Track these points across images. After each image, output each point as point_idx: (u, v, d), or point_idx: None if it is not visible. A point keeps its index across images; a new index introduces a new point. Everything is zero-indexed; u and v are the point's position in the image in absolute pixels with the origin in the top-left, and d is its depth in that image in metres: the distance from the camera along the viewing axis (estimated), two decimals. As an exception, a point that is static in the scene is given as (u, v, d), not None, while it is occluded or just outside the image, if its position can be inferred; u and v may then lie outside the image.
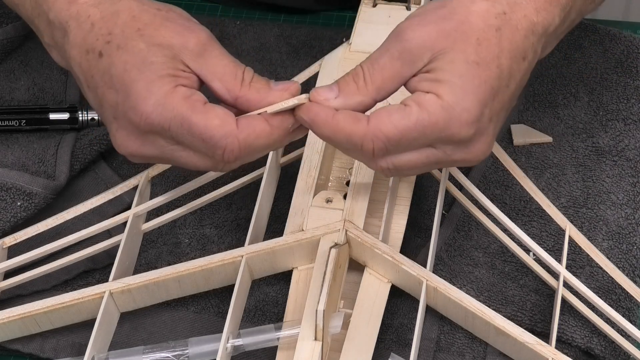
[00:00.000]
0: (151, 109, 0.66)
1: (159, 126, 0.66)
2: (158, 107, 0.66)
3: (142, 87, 0.66)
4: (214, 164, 0.68)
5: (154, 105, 0.66)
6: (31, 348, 0.76)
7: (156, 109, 0.66)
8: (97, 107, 0.70)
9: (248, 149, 0.67)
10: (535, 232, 0.81)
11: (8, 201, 0.82)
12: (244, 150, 0.67)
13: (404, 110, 0.66)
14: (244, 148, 0.67)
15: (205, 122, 0.66)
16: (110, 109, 0.68)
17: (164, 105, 0.66)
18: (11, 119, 0.88)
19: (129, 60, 0.67)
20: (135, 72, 0.66)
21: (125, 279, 0.75)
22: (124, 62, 0.67)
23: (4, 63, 0.94)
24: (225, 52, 0.69)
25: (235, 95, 0.68)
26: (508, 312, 0.76)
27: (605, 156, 0.85)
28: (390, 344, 0.75)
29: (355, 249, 0.74)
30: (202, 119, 0.66)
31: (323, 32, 0.97)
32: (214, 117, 0.66)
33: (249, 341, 0.71)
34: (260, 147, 0.68)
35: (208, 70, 0.68)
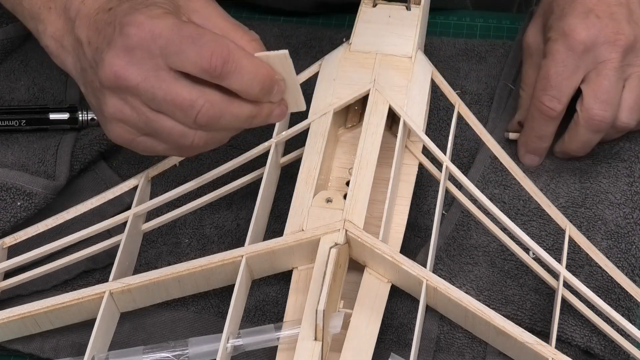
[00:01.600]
0: (144, 18, 0.67)
1: (150, 33, 0.67)
2: (153, 18, 0.67)
3: (142, 8, 0.68)
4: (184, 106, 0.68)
5: (150, 16, 0.67)
6: (31, 348, 0.76)
7: (151, 19, 0.67)
8: (91, 56, 0.70)
9: (237, 62, 0.67)
10: (535, 231, 0.81)
11: (8, 201, 0.82)
12: (231, 63, 0.67)
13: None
14: (233, 57, 0.67)
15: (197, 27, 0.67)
16: (105, 40, 0.69)
17: (158, 17, 0.67)
18: (11, 119, 0.88)
19: (134, 5, 0.69)
20: (139, 5, 0.69)
21: (125, 279, 0.75)
22: (131, 3, 0.69)
23: (4, 63, 0.94)
24: (229, 15, 0.71)
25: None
26: (508, 311, 0.76)
27: (600, 160, 0.85)
28: (390, 344, 0.75)
29: (355, 249, 0.74)
30: (194, 26, 0.67)
31: (323, 32, 0.97)
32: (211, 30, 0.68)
33: (249, 341, 0.71)
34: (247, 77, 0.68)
35: (210, 20, 0.69)
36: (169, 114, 0.69)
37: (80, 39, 0.71)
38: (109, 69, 0.68)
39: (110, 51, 0.68)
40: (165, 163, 0.82)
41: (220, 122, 0.69)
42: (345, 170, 0.80)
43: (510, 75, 0.93)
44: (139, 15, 0.67)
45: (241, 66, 0.68)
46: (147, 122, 0.69)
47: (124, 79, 0.68)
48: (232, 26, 0.70)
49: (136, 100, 0.69)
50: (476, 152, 0.87)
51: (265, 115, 0.71)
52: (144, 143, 0.71)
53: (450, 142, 0.81)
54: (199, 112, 0.68)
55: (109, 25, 0.69)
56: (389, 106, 0.80)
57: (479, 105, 0.91)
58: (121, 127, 0.70)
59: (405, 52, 0.83)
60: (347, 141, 0.82)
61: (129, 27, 0.67)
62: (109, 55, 0.68)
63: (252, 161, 0.80)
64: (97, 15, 0.71)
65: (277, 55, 0.69)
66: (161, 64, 0.67)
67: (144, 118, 0.69)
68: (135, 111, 0.69)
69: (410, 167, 0.81)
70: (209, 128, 0.70)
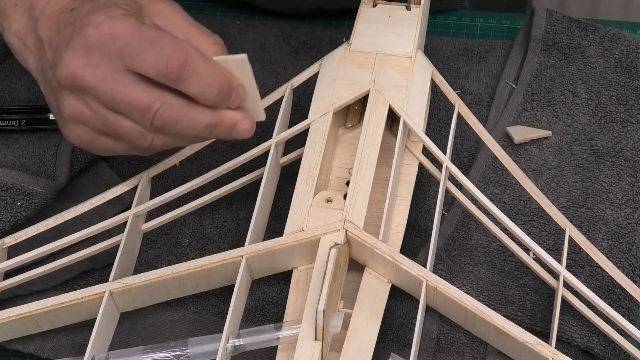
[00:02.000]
0: (103, 19, 0.67)
1: (108, 35, 0.66)
2: (112, 19, 0.67)
3: (102, 9, 0.68)
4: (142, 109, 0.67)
5: (109, 17, 0.67)
6: (31, 348, 0.76)
7: (110, 20, 0.67)
8: (50, 56, 0.70)
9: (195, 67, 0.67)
10: (535, 231, 0.81)
11: (8, 201, 0.82)
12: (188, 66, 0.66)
13: None
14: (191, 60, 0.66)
15: (156, 29, 0.67)
16: (64, 40, 0.69)
17: (117, 18, 0.67)
18: (11, 119, 0.88)
19: (98, 2, 0.69)
20: (99, 6, 0.69)
21: (125, 279, 0.75)
22: (93, 4, 0.69)
23: (4, 63, 0.94)
24: (192, 19, 0.71)
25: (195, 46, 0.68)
26: (508, 311, 0.76)
27: (603, 157, 0.85)
28: (390, 344, 0.75)
29: (355, 249, 0.74)
30: (153, 29, 0.67)
31: (323, 32, 0.97)
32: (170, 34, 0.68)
33: (249, 341, 0.71)
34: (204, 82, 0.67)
35: (173, 23, 0.70)
36: (127, 115, 0.69)
37: (42, 39, 0.71)
38: (66, 69, 0.68)
39: (68, 51, 0.68)
40: (165, 163, 0.82)
41: (177, 126, 0.69)
42: (345, 170, 0.80)
43: (511, 75, 0.93)
44: (98, 15, 0.67)
45: (198, 70, 0.67)
46: (106, 123, 0.69)
47: (82, 79, 0.68)
48: (195, 29, 0.70)
49: (94, 101, 0.69)
50: (476, 152, 0.87)
51: (227, 126, 0.70)
52: (103, 144, 0.72)
53: (450, 142, 0.81)
54: (155, 114, 0.68)
55: (69, 25, 0.69)
56: (389, 106, 0.80)
57: (479, 105, 0.91)
58: (80, 127, 0.70)
59: (405, 52, 0.83)
60: (347, 141, 0.82)
61: (88, 27, 0.67)
62: (67, 55, 0.68)
63: (252, 161, 0.80)
64: (60, 15, 0.70)
65: (235, 60, 0.69)
66: (119, 66, 0.67)
67: (102, 119, 0.69)
68: (94, 112, 0.69)
69: (410, 167, 0.81)
70: (166, 131, 0.70)
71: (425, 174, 0.82)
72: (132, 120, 0.69)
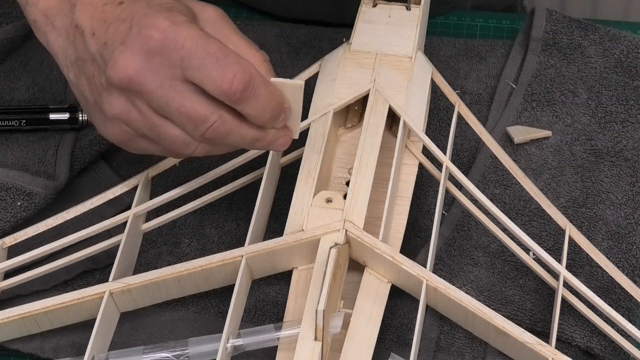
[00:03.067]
0: (168, 25, 0.65)
1: (174, 42, 0.65)
2: (176, 25, 0.65)
3: (162, 13, 0.66)
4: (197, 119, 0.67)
5: (173, 22, 0.65)
6: (31, 348, 0.76)
7: (174, 26, 0.65)
8: (96, 49, 0.68)
9: (256, 89, 0.66)
10: (535, 231, 0.81)
11: (8, 201, 0.82)
12: (250, 87, 0.66)
13: None
14: (254, 82, 0.66)
15: (222, 44, 0.66)
16: (118, 38, 0.67)
17: (181, 24, 0.66)
18: (11, 119, 0.88)
19: (151, 2, 0.67)
20: (155, 7, 0.67)
21: (125, 279, 0.75)
22: (146, 2, 0.67)
23: (4, 63, 0.94)
24: (240, 31, 0.70)
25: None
26: (508, 311, 0.76)
27: (604, 157, 0.85)
28: (390, 344, 0.75)
29: (355, 249, 0.74)
30: (219, 42, 0.66)
31: (323, 32, 0.97)
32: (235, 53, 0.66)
33: (249, 341, 0.71)
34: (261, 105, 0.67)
35: (224, 34, 0.68)
36: (177, 123, 0.68)
37: (82, 27, 0.69)
38: (123, 71, 0.66)
39: (127, 51, 0.66)
40: (165, 163, 0.82)
41: (226, 139, 0.69)
42: (345, 170, 0.80)
43: (511, 75, 0.93)
44: (162, 19, 0.66)
45: (258, 93, 0.67)
46: (153, 128, 0.68)
47: (139, 84, 0.66)
48: (245, 43, 0.69)
49: (145, 104, 0.68)
50: (476, 152, 0.87)
51: (269, 141, 0.71)
52: (140, 144, 0.71)
53: (450, 142, 0.81)
54: (210, 127, 0.67)
55: (123, 22, 0.67)
56: (389, 106, 0.80)
57: (479, 105, 0.91)
58: (122, 127, 0.69)
59: (405, 52, 0.83)
60: (347, 141, 0.82)
61: (151, 30, 0.65)
62: (125, 55, 0.66)
63: (252, 161, 0.80)
64: (105, 7, 0.68)
65: (292, 85, 0.69)
66: (178, 74, 0.66)
67: (149, 123, 0.68)
68: (142, 115, 0.68)
69: (410, 167, 0.81)
70: (213, 143, 0.69)
71: (425, 174, 0.82)
72: (180, 128, 0.68)
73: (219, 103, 0.67)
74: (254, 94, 0.67)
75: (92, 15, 0.68)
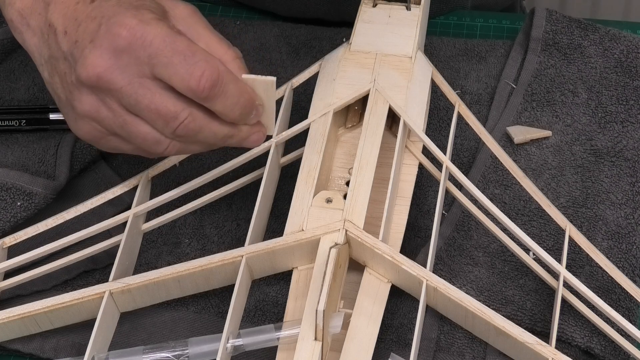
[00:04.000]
0: (136, 23, 0.66)
1: (141, 40, 0.66)
2: (143, 23, 0.66)
3: (130, 10, 0.67)
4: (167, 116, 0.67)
5: (140, 21, 0.66)
6: (31, 348, 0.76)
7: (141, 24, 0.66)
8: (67, 47, 0.69)
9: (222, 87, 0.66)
10: (535, 231, 0.81)
11: (8, 201, 0.82)
12: (219, 85, 0.66)
13: None
14: (222, 80, 0.66)
15: (190, 42, 0.66)
16: (87, 37, 0.67)
17: (148, 23, 0.66)
18: (11, 119, 0.88)
19: (122, 4, 0.68)
20: (126, 4, 0.67)
21: (125, 279, 0.75)
22: (117, 3, 0.68)
23: (4, 63, 0.94)
24: (212, 28, 0.70)
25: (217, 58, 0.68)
26: (508, 311, 0.76)
27: (604, 157, 0.85)
28: (390, 344, 0.75)
29: (355, 249, 0.74)
30: (188, 40, 0.66)
31: (323, 32, 0.97)
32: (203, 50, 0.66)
33: (249, 341, 0.71)
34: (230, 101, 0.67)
35: (196, 31, 0.69)
36: (148, 120, 0.68)
37: (54, 25, 0.69)
38: (91, 69, 0.67)
39: (95, 50, 0.67)
40: (165, 163, 0.82)
41: (197, 136, 0.69)
42: (345, 170, 0.80)
43: (511, 75, 0.93)
44: (130, 17, 0.66)
45: (227, 90, 0.67)
46: (123, 125, 0.69)
47: (107, 81, 0.67)
48: (216, 39, 0.70)
49: (115, 102, 0.68)
50: (476, 152, 0.87)
51: (242, 137, 0.71)
52: (112, 142, 0.71)
53: (450, 142, 0.81)
54: (180, 124, 0.68)
55: (93, 21, 0.67)
56: (389, 106, 0.80)
57: (479, 105, 0.91)
58: (92, 125, 0.70)
59: (405, 52, 0.83)
60: (347, 141, 0.82)
61: (119, 28, 0.66)
62: (94, 54, 0.67)
63: (252, 161, 0.80)
64: (77, 5, 0.69)
65: (263, 81, 0.69)
66: (146, 72, 0.67)
67: (120, 120, 0.69)
68: (112, 112, 0.68)
69: (410, 167, 0.81)
70: (184, 140, 0.70)
71: (425, 174, 0.82)
72: (151, 126, 0.68)
73: (189, 100, 0.68)
74: (222, 91, 0.67)
75: (65, 14, 0.69)
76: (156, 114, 0.67)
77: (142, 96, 0.67)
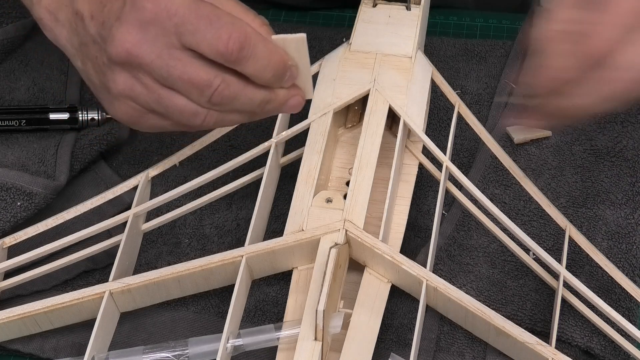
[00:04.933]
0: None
1: (165, 10, 0.65)
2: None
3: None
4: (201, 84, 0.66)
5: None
6: (31, 348, 0.76)
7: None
8: (95, 30, 0.68)
9: (253, 48, 0.66)
10: (535, 231, 0.81)
11: (8, 201, 0.82)
12: (247, 47, 0.66)
13: None
14: (250, 41, 0.65)
15: (214, 7, 0.66)
16: (113, 16, 0.67)
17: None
18: (11, 119, 0.88)
19: None
20: None
21: (125, 279, 0.75)
22: None
23: (4, 63, 0.94)
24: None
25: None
26: (508, 311, 0.76)
27: (604, 157, 0.85)
28: (390, 344, 0.75)
29: (355, 249, 0.74)
30: (211, 5, 0.66)
31: (323, 32, 0.97)
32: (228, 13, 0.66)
33: (249, 341, 0.71)
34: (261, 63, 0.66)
35: (220, 2, 0.68)
36: (182, 92, 0.68)
37: (81, 12, 0.69)
38: (120, 45, 0.66)
39: (122, 26, 0.66)
40: (165, 163, 0.82)
41: (234, 103, 0.68)
42: (345, 170, 0.80)
43: (511, 75, 0.93)
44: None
45: (256, 52, 0.66)
46: (159, 100, 0.68)
47: (137, 56, 0.66)
48: (242, 9, 0.69)
49: (148, 77, 0.67)
50: (476, 152, 0.87)
51: (280, 102, 0.70)
52: (151, 120, 0.70)
53: (450, 142, 0.81)
54: (215, 91, 0.67)
55: (116, 1, 0.67)
56: (389, 106, 0.80)
57: (479, 105, 0.91)
58: (129, 104, 0.69)
59: (405, 52, 0.83)
60: (347, 141, 0.82)
61: (143, 1, 0.65)
62: (121, 30, 0.66)
63: (252, 161, 0.80)
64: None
65: (294, 39, 0.68)
66: (175, 42, 0.66)
67: (155, 95, 0.68)
68: (147, 88, 0.68)
69: (410, 167, 0.81)
70: (222, 108, 0.69)
71: (425, 174, 0.82)
72: (186, 97, 0.68)
73: (220, 67, 0.67)
74: (252, 52, 0.66)
75: (90, 0, 0.69)
76: (189, 83, 0.67)
77: (173, 67, 0.66)
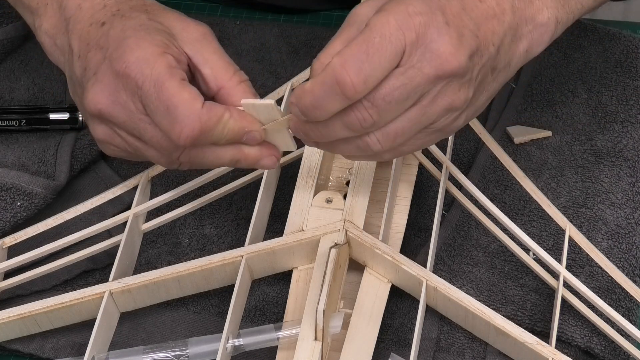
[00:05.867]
0: (134, 60, 0.67)
1: (134, 80, 0.67)
2: (141, 61, 0.67)
3: (133, 42, 0.68)
4: (168, 148, 0.68)
5: (138, 58, 0.67)
6: (31, 348, 0.76)
7: (138, 62, 0.67)
8: (79, 73, 0.70)
9: (206, 134, 0.67)
10: (535, 231, 0.81)
11: (8, 201, 0.82)
12: (201, 135, 0.67)
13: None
14: (204, 131, 0.67)
15: (175, 91, 0.67)
16: (93, 67, 0.69)
17: (146, 61, 0.67)
18: (11, 119, 0.88)
19: (128, 25, 0.69)
20: (130, 32, 0.69)
21: (125, 279, 0.75)
22: (123, 25, 0.69)
23: (4, 63, 0.94)
24: (223, 50, 0.71)
25: (221, 84, 0.69)
26: (508, 311, 0.76)
27: (604, 157, 0.85)
28: (390, 344, 0.75)
29: (355, 249, 0.74)
30: (174, 87, 0.67)
31: (323, 32, 0.97)
32: (186, 91, 0.67)
33: (249, 341, 0.71)
34: (217, 136, 0.68)
35: (203, 55, 0.70)
36: (155, 149, 0.70)
37: (72, 47, 0.71)
38: (93, 105, 0.69)
39: (96, 84, 0.68)
40: (165, 163, 0.82)
41: (203, 161, 0.70)
42: (345, 170, 0.80)
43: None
44: (131, 52, 0.67)
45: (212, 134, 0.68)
46: (136, 150, 0.71)
47: (109, 116, 0.69)
48: (224, 64, 0.70)
49: (123, 131, 0.70)
50: (476, 152, 0.87)
51: (251, 161, 0.71)
52: (135, 157, 0.73)
53: (450, 142, 0.81)
54: (181, 154, 0.69)
55: (99, 51, 0.69)
56: (389, 106, 0.79)
57: (479, 105, 0.91)
58: (111, 148, 0.72)
59: (405, 52, 0.82)
60: (347, 141, 0.82)
61: (119, 64, 0.67)
62: (95, 89, 0.69)
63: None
64: (90, 27, 0.71)
65: (262, 105, 0.69)
66: (143, 109, 0.68)
67: (132, 147, 0.71)
68: (123, 140, 0.71)
69: (410, 167, 0.81)
70: (192, 165, 0.71)
71: (425, 174, 0.82)
72: (160, 153, 0.70)
73: None
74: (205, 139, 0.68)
75: (80, 36, 0.71)
76: (158, 145, 0.69)
77: (143, 130, 0.69)
